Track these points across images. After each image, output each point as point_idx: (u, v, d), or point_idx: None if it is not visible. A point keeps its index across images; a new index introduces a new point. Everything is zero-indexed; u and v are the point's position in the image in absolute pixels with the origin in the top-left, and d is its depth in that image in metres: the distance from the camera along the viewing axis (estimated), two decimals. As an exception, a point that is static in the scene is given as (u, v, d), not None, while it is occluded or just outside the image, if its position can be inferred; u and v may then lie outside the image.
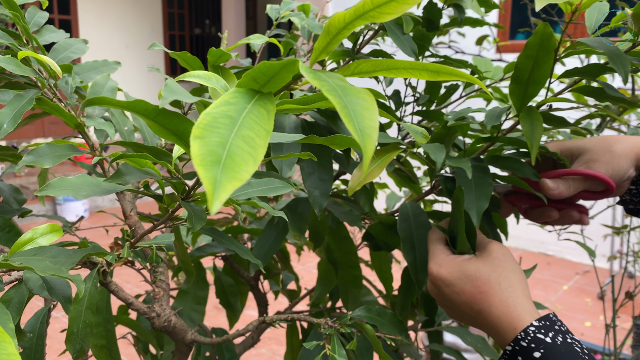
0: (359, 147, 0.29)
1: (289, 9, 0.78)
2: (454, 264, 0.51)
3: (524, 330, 0.45)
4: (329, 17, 0.82)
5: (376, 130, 0.26)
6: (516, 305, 0.47)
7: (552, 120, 0.64)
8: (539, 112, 0.59)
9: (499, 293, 0.48)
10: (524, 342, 0.45)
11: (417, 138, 0.40)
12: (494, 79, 0.80)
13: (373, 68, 0.32)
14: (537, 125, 0.57)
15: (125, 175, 0.41)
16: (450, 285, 0.50)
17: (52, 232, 0.45)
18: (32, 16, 0.65)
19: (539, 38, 0.55)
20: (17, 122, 0.51)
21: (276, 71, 0.30)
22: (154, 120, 0.35)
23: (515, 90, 0.59)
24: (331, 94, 0.26)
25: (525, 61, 0.57)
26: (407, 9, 0.28)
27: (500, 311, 0.47)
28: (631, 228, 1.22)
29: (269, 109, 0.29)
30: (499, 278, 0.49)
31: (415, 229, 0.63)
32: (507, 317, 0.47)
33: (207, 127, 0.26)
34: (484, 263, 0.50)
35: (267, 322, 0.57)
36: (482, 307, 0.48)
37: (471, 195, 0.58)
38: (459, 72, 0.32)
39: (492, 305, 0.48)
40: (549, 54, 0.56)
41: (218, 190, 0.23)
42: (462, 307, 0.50)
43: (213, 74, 0.35)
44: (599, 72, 0.59)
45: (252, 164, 0.25)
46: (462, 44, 1.91)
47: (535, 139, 0.56)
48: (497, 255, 0.51)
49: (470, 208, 0.57)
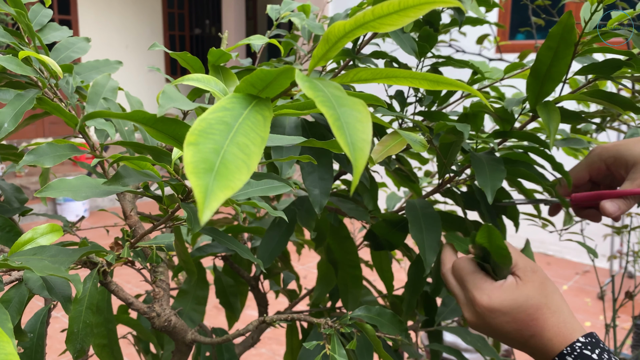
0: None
1: (289, 9, 0.78)
2: (503, 293, 0.49)
3: (570, 346, 0.46)
4: (329, 17, 0.82)
5: (369, 143, 0.25)
6: (566, 325, 0.48)
7: (568, 117, 0.63)
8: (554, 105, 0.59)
9: (550, 318, 0.48)
10: (570, 357, 0.45)
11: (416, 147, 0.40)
12: (493, 79, 0.80)
13: (372, 76, 0.32)
14: (554, 115, 0.57)
15: (125, 178, 0.41)
16: (504, 315, 0.49)
17: (52, 232, 0.45)
18: (36, 15, 0.65)
19: (561, 29, 0.54)
20: (18, 122, 0.51)
21: (274, 77, 0.30)
22: (152, 127, 0.35)
23: (532, 85, 0.58)
24: (324, 106, 0.26)
25: (546, 53, 0.56)
26: (408, 21, 0.28)
27: (552, 333, 0.48)
28: (631, 228, 1.22)
29: (266, 116, 0.29)
30: (547, 302, 0.49)
31: (422, 217, 0.64)
32: (559, 338, 0.47)
33: (202, 133, 0.26)
34: (531, 288, 0.49)
35: (267, 322, 0.57)
36: (534, 332, 0.49)
37: (485, 175, 0.58)
38: (458, 83, 0.32)
39: (544, 330, 0.48)
40: (569, 48, 0.54)
41: (209, 199, 0.23)
42: (512, 334, 0.50)
43: (212, 77, 0.35)
44: (615, 68, 0.57)
45: (245, 172, 0.25)
46: (462, 42, 1.91)
47: (553, 126, 0.56)
48: (539, 278, 0.50)
49: (484, 186, 0.57)
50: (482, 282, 0.51)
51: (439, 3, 0.27)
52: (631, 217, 1.28)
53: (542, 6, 1.54)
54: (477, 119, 0.65)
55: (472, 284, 0.51)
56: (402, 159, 0.82)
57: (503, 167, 0.60)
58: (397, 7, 0.27)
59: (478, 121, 0.65)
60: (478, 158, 0.62)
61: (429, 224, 0.64)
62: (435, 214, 0.66)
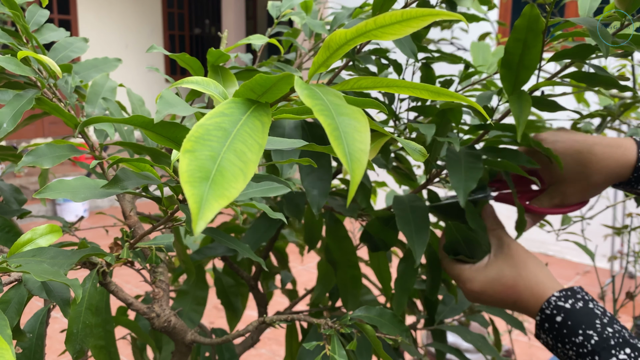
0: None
1: (291, 7, 0.78)
2: (479, 275, 0.60)
3: (547, 301, 0.54)
4: (331, 9, 0.82)
5: (366, 154, 0.25)
6: (538, 284, 0.56)
7: (544, 104, 0.63)
8: (528, 94, 0.59)
9: (522, 282, 0.57)
10: (548, 310, 0.53)
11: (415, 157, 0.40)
12: (488, 72, 0.80)
13: (373, 84, 0.32)
14: (525, 106, 0.58)
15: (123, 181, 0.41)
16: (484, 292, 0.59)
17: (51, 232, 0.45)
18: (33, 15, 0.65)
19: (526, 20, 0.55)
20: (17, 122, 0.51)
21: (273, 83, 0.29)
22: (151, 130, 0.35)
23: (506, 76, 0.59)
24: (322, 115, 0.26)
25: (514, 44, 0.57)
26: (411, 31, 0.28)
27: (528, 295, 0.56)
28: (632, 228, 1.22)
29: (264, 122, 0.28)
30: (519, 270, 0.58)
31: (410, 210, 0.65)
32: (534, 297, 0.56)
33: (199, 139, 0.25)
34: (502, 262, 0.59)
35: (267, 322, 0.57)
36: (515, 298, 0.57)
37: (460, 175, 0.59)
38: (457, 95, 0.32)
39: (521, 294, 0.57)
40: (537, 37, 0.55)
41: (203, 209, 0.22)
42: (501, 304, 0.59)
43: (211, 80, 0.35)
44: (588, 53, 0.58)
45: (242, 181, 0.25)
46: (464, 40, 1.91)
47: (522, 117, 0.57)
48: (510, 251, 0.60)
49: (457, 188, 0.59)
50: (462, 270, 0.62)
51: (441, 15, 0.27)
52: (631, 217, 1.28)
53: (542, 4, 1.54)
54: (455, 112, 0.65)
55: (457, 275, 0.62)
56: (401, 157, 0.82)
57: (481, 164, 0.61)
58: (400, 18, 0.27)
59: (457, 115, 0.65)
60: (455, 156, 0.62)
61: (417, 216, 0.64)
62: (424, 207, 0.66)
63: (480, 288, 0.59)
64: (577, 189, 0.62)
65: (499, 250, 0.61)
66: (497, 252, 0.61)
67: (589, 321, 0.50)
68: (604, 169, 0.59)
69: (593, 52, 0.57)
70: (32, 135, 6.08)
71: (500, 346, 1.02)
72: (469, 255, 0.63)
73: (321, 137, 0.64)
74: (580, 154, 0.60)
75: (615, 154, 0.59)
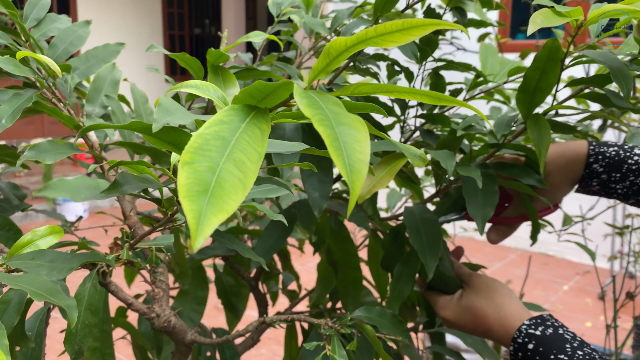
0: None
1: (292, 4, 0.77)
2: (452, 305, 0.64)
3: (518, 330, 0.56)
4: (330, 13, 0.82)
5: (366, 164, 0.25)
6: (507, 316, 0.59)
7: (558, 128, 0.66)
8: (545, 119, 0.60)
9: (491, 314, 0.60)
10: (520, 339, 0.55)
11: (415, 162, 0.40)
12: (495, 81, 0.80)
13: (373, 90, 0.32)
14: (544, 133, 0.59)
15: (123, 186, 0.40)
16: (458, 320, 0.63)
17: (52, 234, 0.44)
18: (32, 9, 0.64)
19: (547, 51, 0.57)
20: (16, 118, 0.51)
21: (272, 90, 0.29)
22: (151, 135, 0.35)
23: (522, 99, 0.61)
24: (322, 125, 0.26)
25: (533, 73, 0.59)
26: (411, 39, 0.28)
27: (498, 325, 0.59)
28: (632, 228, 1.22)
29: (264, 129, 0.28)
30: (488, 302, 0.61)
31: (421, 222, 0.66)
32: (504, 328, 0.58)
33: (198, 150, 0.25)
34: (473, 294, 0.63)
35: (267, 322, 0.57)
36: (485, 327, 0.60)
37: (477, 202, 0.60)
38: (458, 102, 0.32)
39: (490, 324, 0.60)
40: (556, 65, 0.57)
41: (202, 225, 0.22)
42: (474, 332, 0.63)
43: (210, 84, 0.35)
44: (604, 83, 0.59)
45: (241, 192, 0.24)
46: (463, 40, 1.91)
47: (543, 147, 0.58)
48: (479, 285, 0.63)
49: (475, 215, 0.60)
50: (439, 298, 0.66)
51: (441, 25, 0.27)
52: (632, 217, 1.27)
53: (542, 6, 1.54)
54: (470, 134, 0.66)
55: (433, 302, 0.67)
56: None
57: (496, 187, 0.62)
58: (401, 27, 0.27)
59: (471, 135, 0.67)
60: (471, 183, 0.62)
61: (428, 229, 0.64)
62: (434, 218, 0.66)
63: (453, 317, 0.64)
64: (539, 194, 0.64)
65: (469, 282, 0.65)
66: (467, 285, 0.65)
67: (559, 346, 0.52)
68: (558, 168, 0.62)
69: (610, 81, 0.58)
70: (32, 135, 6.08)
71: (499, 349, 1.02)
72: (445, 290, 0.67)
73: (321, 140, 0.64)
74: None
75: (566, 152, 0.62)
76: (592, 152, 0.61)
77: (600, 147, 0.61)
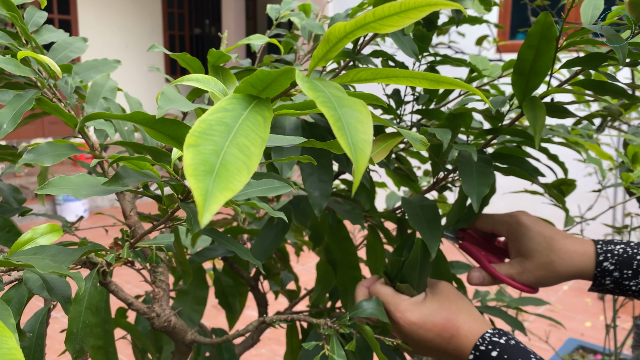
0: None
1: (289, 9, 0.78)
2: (419, 307, 0.59)
3: (481, 337, 0.54)
4: (329, 17, 0.82)
5: (369, 144, 0.25)
6: (476, 321, 0.57)
7: (555, 111, 0.64)
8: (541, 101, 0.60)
9: (461, 316, 0.57)
10: (482, 347, 0.54)
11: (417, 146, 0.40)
12: (492, 76, 0.80)
13: (372, 76, 0.32)
14: (539, 113, 0.58)
15: (124, 179, 0.41)
16: (423, 324, 0.58)
17: (51, 232, 0.45)
18: (31, 16, 0.65)
19: (540, 27, 0.55)
20: (17, 122, 0.51)
21: (274, 78, 0.30)
22: (152, 128, 0.35)
23: (517, 82, 0.60)
24: (325, 106, 0.26)
25: (527, 51, 0.57)
26: (409, 22, 0.28)
27: (467, 329, 0.56)
28: (632, 228, 1.22)
29: (266, 116, 0.28)
30: (458, 305, 0.59)
31: (420, 208, 0.65)
32: (472, 332, 0.56)
33: (202, 134, 0.25)
34: (441, 297, 0.60)
35: (267, 322, 0.57)
36: (453, 332, 0.57)
37: (472, 181, 0.60)
38: (457, 82, 0.32)
39: (460, 328, 0.57)
40: (550, 44, 0.56)
41: (209, 202, 0.23)
42: (436, 341, 0.57)
43: (211, 77, 0.35)
44: (600, 61, 0.59)
45: (245, 174, 0.25)
46: (462, 44, 1.91)
47: (538, 125, 0.57)
48: (447, 290, 0.61)
49: (471, 193, 0.60)
50: (400, 300, 0.60)
51: (440, 5, 0.27)
52: (631, 217, 1.28)
53: (541, 6, 1.54)
54: (465, 117, 0.66)
55: (393, 304, 0.59)
56: (402, 158, 0.82)
57: (492, 169, 0.62)
58: (399, 9, 0.27)
59: (467, 119, 0.66)
60: (466, 161, 0.62)
61: (427, 213, 0.65)
62: (433, 204, 0.66)
63: (419, 319, 0.58)
64: (537, 269, 0.64)
65: (434, 289, 0.62)
66: (432, 291, 0.62)
67: (524, 355, 0.51)
68: (569, 260, 0.62)
69: (605, 60, 0.58)
70: (32, 135, 6.08)
71: None
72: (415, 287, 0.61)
73: (322, 137, 0.64)
74: (553, 241, 0.63)
75: (579, 249, 0.62)
76: (601, 251, 0.61)
77: (607, 246, 0.61)
